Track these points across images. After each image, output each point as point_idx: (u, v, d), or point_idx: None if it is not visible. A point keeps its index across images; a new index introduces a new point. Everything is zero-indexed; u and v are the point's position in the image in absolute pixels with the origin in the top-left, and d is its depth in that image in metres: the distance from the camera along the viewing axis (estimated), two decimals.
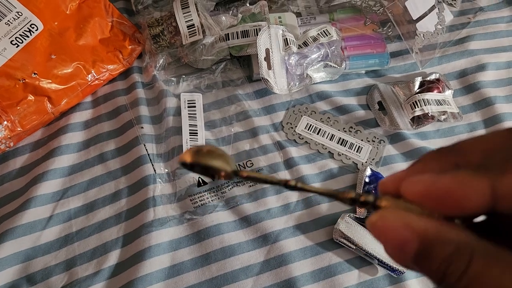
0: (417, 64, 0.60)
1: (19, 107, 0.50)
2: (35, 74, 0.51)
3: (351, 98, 0.59)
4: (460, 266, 0.15)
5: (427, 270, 0.17)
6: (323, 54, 0.57)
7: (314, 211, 0.51)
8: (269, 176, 0.23)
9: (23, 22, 0.50)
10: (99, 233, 0.49)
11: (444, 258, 0.16)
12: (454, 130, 0.57)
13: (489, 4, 0.67)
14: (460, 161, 0.18)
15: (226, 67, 0.59)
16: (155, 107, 0.57)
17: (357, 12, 0.62)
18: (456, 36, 0.63)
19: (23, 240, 0.47)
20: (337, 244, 0.49)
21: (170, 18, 0.57)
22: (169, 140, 0.54)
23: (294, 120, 0.56)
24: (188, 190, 0.51)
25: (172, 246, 0.48)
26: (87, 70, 0.54)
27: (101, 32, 0.57)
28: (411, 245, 0.16)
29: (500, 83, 0.60)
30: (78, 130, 0.55)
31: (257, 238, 0.49)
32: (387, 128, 0.56)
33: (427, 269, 0.17)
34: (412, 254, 0.16)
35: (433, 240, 0.16)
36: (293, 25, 0.60)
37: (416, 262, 0.17)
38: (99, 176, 0.52)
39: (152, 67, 0.58)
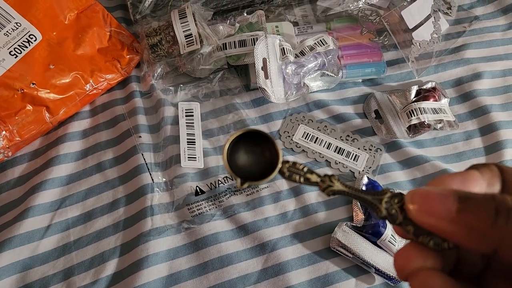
0: (413, 72, 0.60)
1: (17, 117, 0.50)
2: (33, 84, 0.51)
3: (348, 106, 0.59)
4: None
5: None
6: (320, 63, 0.58)
7: (311, 219, 0.51)
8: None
9: (22, 32, 0.51)
10: (97, 243, 0.49)
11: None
12: (451, 138, 0.57)
13: (484, 13, 0.68)
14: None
15: (223, 76, 0.59)
16: (153, 116, 0.57)
17: (354, 21, 0.63)
18: (452, 44, 0.64)
19: (21, 250, 0.47)
20: (334, 253, 0.49)
21: (168, 27, 0.58)
22: (167, 149, 0.54)
23: (291, 129, 0.57)
24: (185, 199, 0.51)
25: (170, 255, 0.48)
26: (85, 80, 0.55)
27: (99, 41, 0.57)
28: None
29: (496, 91, 0.61)
30: (76, 140, 0.55)
31: (255, 247, 0.49)
32: (384, 136, 0.56)
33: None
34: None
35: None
36: (290, 34, 0.61)
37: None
38: (97, 185, 0.52)
39: (150, 76, 0.58)
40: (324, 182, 0.23)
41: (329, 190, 0.23)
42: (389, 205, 0.21)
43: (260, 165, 0.24)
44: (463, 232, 0.18)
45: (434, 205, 0.19)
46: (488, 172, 0.20)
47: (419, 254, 0.20)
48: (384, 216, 0.21)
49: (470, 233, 0.18)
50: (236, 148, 0.24)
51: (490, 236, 0.17)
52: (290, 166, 0.23)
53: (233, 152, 0.24)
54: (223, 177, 0.53)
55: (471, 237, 0.18)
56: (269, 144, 0.23)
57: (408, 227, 0.20)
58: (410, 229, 0.20)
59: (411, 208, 0.20)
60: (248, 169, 0.24)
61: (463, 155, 0.56)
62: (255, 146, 0.24)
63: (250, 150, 0.24)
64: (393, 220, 0.21)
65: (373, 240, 0.48)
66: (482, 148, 0.57)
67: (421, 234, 0.20)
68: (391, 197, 0.21)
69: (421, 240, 0.20)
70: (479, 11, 0.68)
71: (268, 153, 0.24)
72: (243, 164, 0.24)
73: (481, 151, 0.57)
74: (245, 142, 0.24)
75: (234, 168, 0.23)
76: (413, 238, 0.20)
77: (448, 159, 0.56)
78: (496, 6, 0.68)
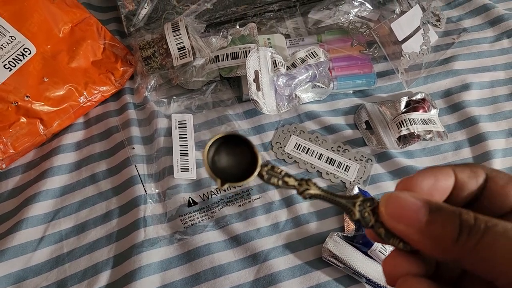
0: (403, 84, 0.61)
1: (11, 130, 0.51)
2: (27, 97, 0.52)
3: (339, 117, 0.60)
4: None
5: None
6: (311, 75, 0.58)
7: (303, 230, 0.51)
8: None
9: (16, 46, 0.51)
10: (90, 254, 0.49)
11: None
12: (440, 149, 0.58)
13: (472, 25, 0.69)
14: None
15: (216, 88, 0.60)
16: (147, 127, 0.58)
17: (344, 33, 0.64)
18: (441, 56, 0.65)
19: (14, 262, 0.48)
20: (326, 263, 0.49)
21: (161, 40, 0.59)
22: (160, 160, 0.55)
23: (283, 140, 0.57)
24: (178, 210, 0.52)
25: (163, 266, 0.49)
26: (79, 92, 0.55)
27: (93, 54, 0.58)
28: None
29: (484, 102, 0.62)
30: (70, 151, 0.55)
31: (247, 257, 0.50)
32: (374, 147, 0.57)
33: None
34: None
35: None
36: (282, 46, 0.62)
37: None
38: (91, 196, 0.53)
39: (144, 88, 0.59)
40: (301, 185, 0.24)
41: (305, 193, 0.24)
42: (362, 208, 0.22)
43: (240, 168, 0.24)
44: (428, 243, 0.19)
45: (406, 213, 0.20)
46: (467, 171, 0.21)
47: (405, 261, 0.21)
48: (358, 219, 0.22)
49: (435, 245, 0.19)
50: (217, 151, 0.24)
51: (452, 250, 0.18)
52: (269, 169, 0.24)
53: (214, 154, 0.24)
54: (215, 188, 0.54)
55: (435, 249, 0.19)
56: (249, 148, 0.24)
57: (380, 229, 0.21)
58: (381, 232, 0.21)
59: (383, 211, 0.21)
60: (228, 171, 0.24)
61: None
62: (235, 150, 0.25)
63: (231, 153, 0.25)
64: (365, 222, 0.22)
65: (364, 250, 0.48)
66: (471, 158, 0.58)
67: (391, 236, 0.21)
68: (364, 201, 0.22)
69: (391, 242, 0.21)
70: (467, 23, 0.69)
71: (247, 156, 0.24)
72: (223, 166, 0.24)
73: (470, 161, 0.57)
74: (225, 145, 0.25)
75: (214, 170, 0.24)
76: (384, 240, 0.21)
77: None
78: (484, 19, 0.70)
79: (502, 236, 0.18)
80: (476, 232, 0.18)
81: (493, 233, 0.18)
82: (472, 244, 0.18)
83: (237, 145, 0.24)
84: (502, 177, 0.21)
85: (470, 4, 0.71)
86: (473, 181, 0.21)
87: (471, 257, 0.18)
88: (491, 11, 0.70)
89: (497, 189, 0.21)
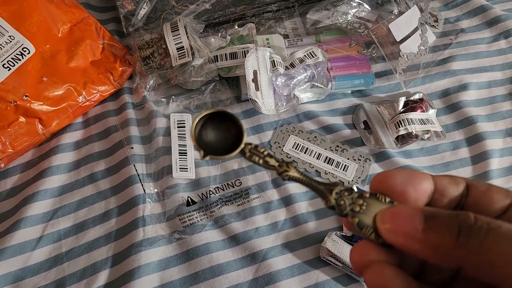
0: (401, 84, 0.62)
1: (10, 129, 0.51)
2: (26, 96, 0.52)
3: (337, 117, 0.60)
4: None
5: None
6: (309, 75, 0.59)
7: (302, 229, 0.52)
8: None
9: (15, 45, 0.52)
10: (89, 253, 0.49)
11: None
12: (438, 149, 0.59)
13: (470, 25, 0.70)
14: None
15: (215, 88, 0.60)
16: (145, 127, 0.58)
17: (343, 34, 0.64)
18: (439, 56, 0.65)
19: (12, 261, 0.48)
20: (324, 262, 0.49)
21: (160, 40, 0.59)
22: (158, 160, 0.55)
23: (281, 140, 0.58)
24: (177, 209, 0.52)
25: (161, 265, 0.49)
26: (78, 92, 0.55)
27: (92, 54, 0.58)
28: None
29: (482, 102, 0.62)
30: (68, 151, 0.55)
31: (246, 256, 0.50)
32: (373, 147, 0.57)
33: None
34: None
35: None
36: (280, 46, 0.62)
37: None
38: (89, 196, 0.53)
39: (143, 88, 0.59)
40: (281, 167, 0.24)
41: (284, 175, 0.24)
42: (338, 196, 0.23)
43: (225, 144, 0.25)
44: (428, 251, 0.19)
45: (401, 224, 0.19)
46: (446, 178, 0.21)
47: (373, 249, 0.21)
48: (332, 205, 0.23)
49: (435, 252, 0.19)
50: (205, 125, 0.25)
51: (453, 254, 0.18)
52: (252, 148, 0.24)
53: (202, 129, 0.25)
54: (214, 188, 0.54)
55: (436, 255, 0.19)
56: (237, 126, 0.25)
57: (354, 218, 0.22)
58: (354, 221, 0.22)
59: (381, 228, 0.20)
60: (214, 145, 0.25)
61: (450, 164, 0.57)
62: (223, 126, 0.25)
63: (217, 128, 0.25)
64: (340, 210, 0.22)
65: None
66: (469, 158, 0.58)
67: (364, 226, 0.21)
68: (342, 190, 0.23)
69: (364, 232, 0.21)
70: (465, 24, 0.70)
71: (234, 134, 0.25)
72: (209, 140, 0.25)
73: (468, 161, 0.58)
74: (214, 121, 0.25)
75: (200, 143, 0.25)
76: (357, 229, 0.21)
77: (436, 169, 0.57)
78: (481, 19, 0.70)
79: (507, 238, 0.17)
80: (477, 233, 0.18)
81: (497, 235, 0.17)
82: (475, 245, 0.17)
83: (225, 122, 0.25)
84: (482, 184, 0.21)
85: (467, 5, 0.71)
86: (453, 187, 0.21)
87: (474, 260, 0.18)
88: (488, 12, 0.70)
89: (479, 195, 0.21)
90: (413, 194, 0.21)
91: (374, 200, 0.22)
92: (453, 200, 0.21)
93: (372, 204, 0.22)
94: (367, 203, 0.22)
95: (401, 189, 0.21)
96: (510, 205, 0.20)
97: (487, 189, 0.20)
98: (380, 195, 0.22)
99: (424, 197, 0.21)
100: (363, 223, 0.21)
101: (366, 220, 0.21)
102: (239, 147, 0.24)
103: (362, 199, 0.22)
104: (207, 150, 0.24)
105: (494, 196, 0.20)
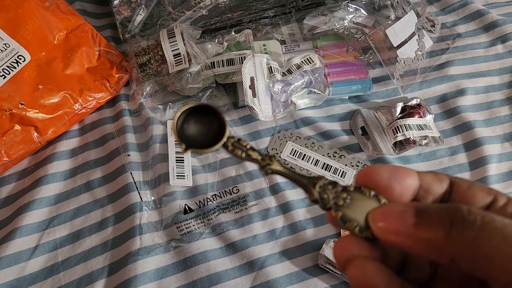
0: (398, 89, 0.61)
1: (5, 137, 0.51)
2: (22, 104, 0.51)
3: (335, 123, 0.60)
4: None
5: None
6: (306, 81, 0.58)
7: (300, 236, 0.51)
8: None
9: (11, 53, 0.51)
10: (85, 263, 0.49)
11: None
12: (436, 154, 0.58)
13: (467, 30, 0.70)
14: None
15: (212, 94, 0.60)
16: (142, 134, 0.57)
17: (340, 39, 0.64)
18: (436, 61, 0.65)
19: (7, 272, 0.47)
20: (323, 270, 0.49)
21: (156, 47, 0.59)
22: (155, 167, 0.54)
23: (279, 146, 0.57)
24: (174, 217, 0.51)
25: (159, 274, 0.48)
26: (74, 99, 0.55)
27: (88, 61, 0.58)
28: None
29: (479, 107, 0.62)
30: (64, 159, 0.55)
31: (243, 264, 0.49)
32: (370, 153, 0.57)
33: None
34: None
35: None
36: (277, 52, 0.62)
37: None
38: (86, 204, 0.52)
39: (139, 94, 0.59)
40: (264, 160, 0.24)
41: (267, 168, 0.24)
42: (321, 190, 0.22)
43: (208, 138, 0.25)
44: (421, 246, 0.19)
45: (392, 221, 0.19)
46: (430, 175, 0.21)
47: (357, 244, 0.21)
48: (315, 199, 0.22)
49: (427, 246, 0.18)
50: (187, 119, 0.25)
51: (445, 249, 0.18)
52: (235, 141, 0.24)
53: (184, 122, 0.25)
54: (211, 195, 0.53)
55: (429, 250, 0.19)
56: (219, 119, 0.25)
57: (337, 212, 0.21)
58: (338, 215, 0.21)
59: (373, 227, 0.20)
60: (196, 139, 0.25)
61: (448, 170, 0.57)
62: (205, 120, 0.25)
63: (200, 122, 0.25)
64: (323, 204, 0.22)
65: None
66: (467, 163, 0.58)
67: (347, 220, 0.21)
68: (326, 184, 0.22)
69: (347, 226, 0.21)
70: (461, 29, 0.70)
71: (217, 127, 0.25)
72: (191, 134, 0.25)
73: (466, 166, 0.58)
74: (196, 115, 0.25)
75: (182, 137, 0.25)
76: (341, 223, 0.21)
77: None
78: (478, 24, 0.70)
79: (501, 231, 0.17)
80: (471, 225, 0.17)
81: (491, 228, 0.17)
82: (469, 239, 0.17)
83: (207, 115, 0.25)
84: (465, 181, 0.21)
85: (464, 9, 0.72)
86: (437, 184, 0.21)
87: (467, 254, 0.17)
88: (485, 16, 0.70)
89: (462, 191, 0.20)
90: (398, 189, 0.21)
91: (359, 194, 0.21)
92: (438, 197, 0.21)
93: (357, 198, 0.21)
94: (351, 197, 0.22)
95: (386, 184, 0.21)
96: (492, 203, 0.20)
97: (469, 186, 0.20)
98: (364, 188, 0.21)
99: (409, 193, 0.21)
100: (347, 217, 0.21)
101: (349, 214, 0.21)
102: (221, 141, 0.24)
103: (346, 193, 0.22)
104: (189, 144, 0.24)
105: (476, 194, 0.20)
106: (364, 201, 0.21)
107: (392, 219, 0.19)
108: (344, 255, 0.20)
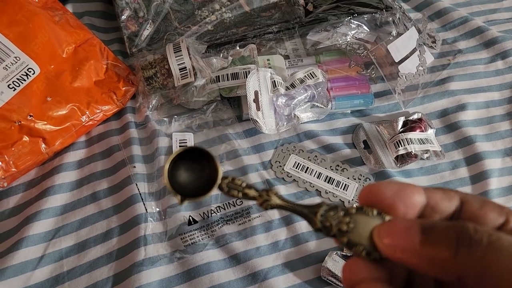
0: (400, 104, 0.62)
1: (14, 148, 0.51)
2: (30, 116, 0.52)
3: (337, 137, 0.61)
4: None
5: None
6: (309, 95, 0.60)
7: (302, 248, 0.52)
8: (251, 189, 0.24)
9: (21, 66, 0.52)
10: (90, 273, 0.49)
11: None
12: (437, 168, 0.59)
13: (467, 46, 0.71)
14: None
15: (216, 108, 0.61)
16: (148, 146, 0.58)
17: (342, 54, 0.65)
18: (437, 77, 0.66)
19: (13, 281, 0.48)
20: (325, 282, 0.49)
21: (163, 61, 0.60)
22: (160, 179, 0.55)
23: (282, 159, 0.58)
24: (178, 228, 0.52)
25: (162, 285, 0.49)
26: (82, 111, 0.56)
27: (96, 74, 0.59)
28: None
29: (480, 122, 0.63)
30: (71, 170, 0.56)
31: (247, 276, 0.50)
32: (372, 166, 0.58)
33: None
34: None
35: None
36: (281, 67, 0.63)
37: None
38: (91, 215, 0.53)
39: (145, 107, 0.60)
40: (262, 196, 0.24)
41: (266, 204, 0.24)
42: (324, 218, 0.22)
43: (201, 182, 0.24)
44: (427, 264, 0.18)
45: (398, 238, 0.19)
46: (439, 193, 0.21)
47: (365, 266, 0.20)
48: (319, 228, 0.22)
49: (434, 265, 0.18)
50: (177, 166, 0.24)
51: (452, 267, 0.18)
52: (229, 181, 0.24)
53: (174, 170, 0.24)
54: (215, 207, 0.54)
55: (435, 268, 0.18)
56: (210, 160, 0.24)
57: (342, 238, 0.21)
58: (344, 240, 0.21)
59: (379, 243, 0.20)
60: (189, 186, 0.24)
61: (450, 184, 0.58)
62: (196, 163, 0.25)
63: (191, 168, 0.25)
64: (327, 232, 0.22)
65: None
66: (468, 178, 0.58)
67: (354, 245, 0.21)
68: (327, 210, 0.22)
69: (354, 251, 0.21)
70: (462, 45, 0.71)
71: (208, 169, 0.24)
72: (183, 181, 0.24)
73: (467, 180, 0.58)
74: (185, 160, 0.24)
75: (175, 186, 0.24)
76: (347, 248, 0.21)
77: None
78: (479, 40, 0.71)
79: (508, 250, 0.17)
80: (477, 244, 0.17)
81: (499, 247, 0.17)
82: (476, 257, 0.17)
83: (197, 158, 0.24)
84: (477, 200, 0.20)
85: (464, 26, 0.73)
86: (445, 202, 0.20)
87: (475, 273, 0.17)
88: (485, 33, 0.71)
89: (474, 211, 0.20)
90: (402, 209, 0.20)
91: (361, 215, 0.21)
92: (446, 216, 0.21)
93: (360, 220, 0.21)
94: (354, 220, 0.21)
95: (390, 202, 0.20)
96: (505, 223, 0.19)
97: (481, 205, 0.20)
98: (367, 208, 0.21)
99: (414, 212, 0.20)
100: (353, 242, 0.21)
101: (355, 238, 0.21)
102: (215, 184, 0.24)
103: (348, 217, 0.21)
104: (183, 193, 0.24)
105: (488, 214, 0.20)
106: (367, 222, 0.21)
107: (397, 236, 0.19)
108: (353, 278, 0.20)
